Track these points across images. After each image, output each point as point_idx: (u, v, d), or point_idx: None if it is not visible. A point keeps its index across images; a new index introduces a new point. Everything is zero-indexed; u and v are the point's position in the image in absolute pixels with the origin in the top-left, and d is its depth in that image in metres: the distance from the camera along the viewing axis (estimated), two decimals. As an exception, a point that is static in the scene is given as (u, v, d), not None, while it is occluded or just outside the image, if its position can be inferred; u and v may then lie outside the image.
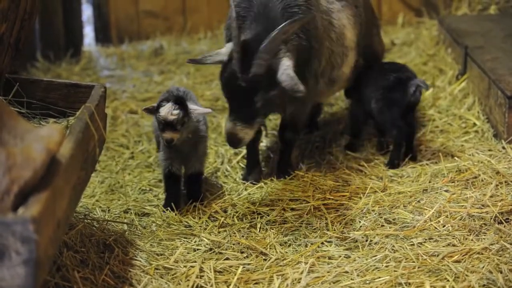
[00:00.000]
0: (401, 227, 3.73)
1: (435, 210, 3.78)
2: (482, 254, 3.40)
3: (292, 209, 3.99)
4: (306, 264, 3.42)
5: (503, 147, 4.47)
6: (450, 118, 5.05)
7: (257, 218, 3.93)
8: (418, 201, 3.95)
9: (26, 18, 3.83)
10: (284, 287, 3.28)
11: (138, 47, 7.26)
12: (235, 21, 3.81)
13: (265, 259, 3.57)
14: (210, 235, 3.79)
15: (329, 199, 4.05)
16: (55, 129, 2.68)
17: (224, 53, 3.90)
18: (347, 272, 3.36)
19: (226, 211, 4.01)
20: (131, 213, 4.12)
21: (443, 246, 3.50)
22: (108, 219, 3.98)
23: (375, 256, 3.47)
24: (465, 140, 4.72)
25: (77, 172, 2.97)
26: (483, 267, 3.28)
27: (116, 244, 3.61)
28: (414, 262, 3.38)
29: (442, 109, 5.21)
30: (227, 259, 3.59)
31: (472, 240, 3.54)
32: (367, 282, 3.27)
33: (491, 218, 3.67)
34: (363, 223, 3.79)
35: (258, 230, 3.83)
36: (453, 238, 3.57)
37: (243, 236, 3.77)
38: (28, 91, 3.81)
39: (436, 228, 3.66)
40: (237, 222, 3.90)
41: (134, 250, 3.63)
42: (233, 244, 3.70)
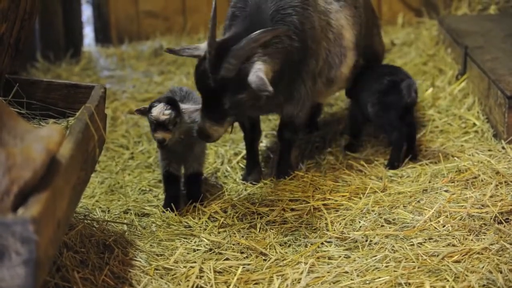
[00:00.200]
0: (401, 227, 3.73)
1: (435, 210, 3.78)
2: (482, 254, 3.40)
3: (292, 209, 3.99)
4: (306, 264, 3.42)
5: (503, 147, 4.47)
6: (450, 118, 5.05)
7: (257, 218, 3.93)
8: (418, 201, 3.95)
9: (26, 18, 3.83)
10: (284, 287, 3.29)
11: (138, 47, 7.26)
12: (212, 20, 3.79)
13: (265, 260, 3.57)
14: (210, 235, 3.79)
15: (329, 199, 4.05)
16: (55, 130, 2.68)
17: (202, 48, 3.89)
18: (347, 272, 3.36)
19: (226, 212, 4.01)
20: (131, 213, 4.12)
21: (443, 246, 3.50)
22: (108, 219, 3.98)
23: (375, 256, 3.47)
24: (465, 140, 4.72)
25: (77, 172, 2.97)
26: (483, 267, 3.28)
27: (116, 244, 3.61)
28: (414, 262, 3.38)
29: (442, 109, 5.21)
30: (227, 259, 3.59)
31: (472, 240, 3.54)
32: (367, 282, 3.27)
33: (491, 218, 3.67)
34: (363, 223, 3.79)
35: (258, 230, 3.83)
36: (453, 238, 3.57)
37: (243, 237, 3.77)
38: (28, 92, 3.81)
39: (436, 228, 3.66)
40: (237, 222, 3.90)
41: (134, 250, 3.63)
42: (233, 245, 3.70)
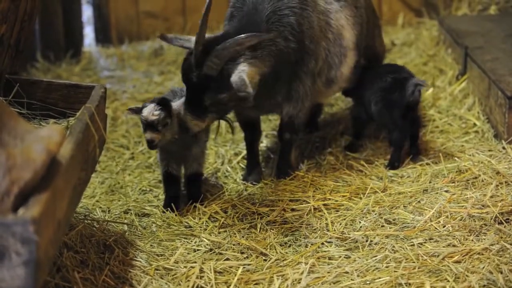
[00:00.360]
0: (401, 227, 3.73)
1: (435, 210, 3.78)
2: (483, 254, 3.40)
3: (292, 209, 3.99)
4: (306, 264, 3.42)
5: (503, 148, 4.46)
6: (450, 119, 5.05)
7: (257, 218, 3.93)
8: (418, 201, 3.95)
9: (26, 19, 3.83)
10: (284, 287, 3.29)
11: (138, 47, 7.25)
12: (204, 16, 3.80)
13: (265, 260, 3.57)
14: (210, 235, 3.79)
15: (329, 199, 4.05)
16: (55, 130, 2.68)
17: (193, 41, 3.90)
18: (347, 273, 3.36)
19: (226, 212, 4.01)
20: (131, 213, 4.12)
21: (443, 247, 3.50)
22: (108, 219, 3.98)
23: (375, 256, 3.46)
24: (465, 140, 4.72)
25: (77, 172, 2.97)
26: (483, 267, 3.28)
27: (116, 244, 3.61)
28: (414, 262, 3.38)
29: (442, 109, 5.21)
30: (227, 259, 3.59)
31: (472, 240, 3.54)
32: (367, 282, 3.27)
33: (491, 219, 3.67)
34: (363, 223, 3.79)
35: (258, 230, 3.83)
36: (453, 239, 3.56)
37: (243, 237, 3.77)
38: (28, 92, 3.81)
39: (436, 228, 3.66)
40: (237, 222, 3.90)
41: (134, 250, 3.63)
42: (233, 245, 3.70)
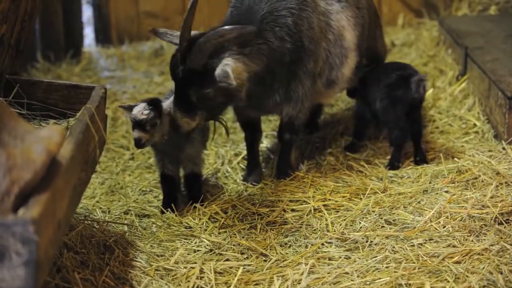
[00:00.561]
0: (401, 228, 3.73)
1: (435, 211, 3.78)
2: (483, 255, 3.40)
3: (292, 210, 3.99)
4: (307, 265, 3.41)
5: (504, 148, 4.47)
6: (450, 119, 5.05)
7: (257, 219, 3.93)
8: (419, 202, 3.95)
9: (26, 19, 3.83)
10: (285, 288, 3.29)
11: (138, 48, 7.26)
12: (189, 11, 3.79)
13: (265, 260, 3.57)
14: (211, 236, 3.79)
15: (329, 200, 4.05)
16: (56, 130, 2.68)
17: None
18: (347, 273, 3.36)
19: (226, 212, 4.01)
20: (131, 214, 4.13)
21: (444, 247, 3.50)
22: (109, 220, 3.98)
23: (376, 257, 3.46)
24: (466, 141, 4.72)
25: (77, 173, 2.97)
26: (483, 268, 3.28)
27: (116, 245, 3.61)
28: (414, 263, 3.38)
29: (443, 109, 5.21)
30: (227, 260, 3.59)
31: (472, 241, 3.54)
32: (368, 283, 3.27)
33: (491, 219, 3.67)
34: (363, 224, 3.79)
35: (258, 231, 3.83)
36: (453, 239, 3.56)
37: (243, 237, 3.77)
38: (29, 92, 3.81)
39: (436, 229, 3.66)
40: (237, 223, 3.90)
41: (135, 251, 3.63)
42: (234, 245, 3.70)
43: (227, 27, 3.80)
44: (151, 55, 7.04)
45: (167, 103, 3.99)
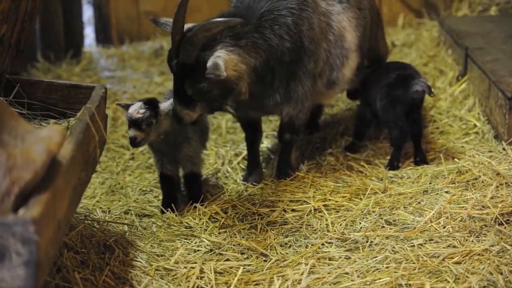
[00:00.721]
0: (401, 228, 3.73)
1: (435, 211, 3.78)
2: (483, 255, 3.40)
3: (293, 210, 3.99)
4: (307, 265, 3.41)
5: (504, 149, 4.47)
6: (450, 120, 5.05)
7: (258, 219, 3.93)
8: (419, 202, 3.95)
9: (26, 19, 3.83)
10: (285, 288, 3.29)
11: (139, 48, 7.26)
12: (180, 4, 3.79)
13: (265, 260, 3.57)
14: (211, 236, 3.79)
15: (330, 200, 4.05)
16: (56, 130, 2.68)
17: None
18: (347, 273, 3.36)
19: (226, 212, 4.01)
20: (131, 214, 4.13)
21: (444, 248, 3.50)
22: (109, 220, 3.98)
23: (376, 257, 3.46)
24: (466, 141, 4.72)
25: (77, 173, 2.97)
26: (483, 268, 3.28)
27: (116, 245, 3.61)
28: (414, 263, 3.38)
29: (443, 110, 5.21)
30: (227, 260, 3.59)
31: (472, 241, 3.54)
32: (368, 283, 3.27)
33: (491, 220, 3.67)
34: (364, 224, 3.79)
35: (259, 231, 3.83)
36: (453, 240, 3.56)
37: (243, 237, 3.77)
38: (29, 92, 3.82)
39: (436, 229, 3.66)
40: (237, 223, 3.90)
41: (135, 251, 3.63)
42: (234, 245, 3.70)
43: (214, 20, 3.80)
44: (151, 55, 7.04)
45: (166, 105, 3.99)
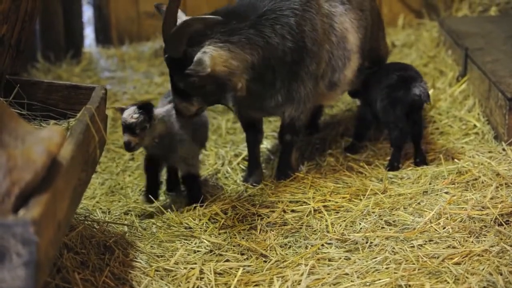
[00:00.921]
0: (401, 229, 3.73)
1: (435, 212, 3.78)
2: (482, 256, 3.40)
3: (292, 211, 3.99)
4: (306, 266, 3.41)
5: (504, 149, 4.47)
6: (450, 120, 5.06)
7: (257, 219, 3.93)
8: (418, 203, 3.95)
9: (27, 20, 3.83)
10: (284, 289, 3.29)
11: (139, 48, 7.26)
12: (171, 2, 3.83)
13: (265, 261, 3.57)
14: (211, 236, 3.79)
15: (329, 201, 4.05)
16: (56, 131, 2.68)
17: (183, 18, 3.94)
18: (347, 274, 3.36)
19: (226, 213, 4.01)
20: (131, 214, 4.13)
21: (443, 248, 3.50)
22: (109, 220, 3.98)
23: (375, 258, 3.46)
24: (466, 142, 4.72)
25: (77, 173, 2.98)
26: (483, 269, 3.28)
27: (116, 245, 3.61)
28: (414, 264, 3.38)
29: (443, 110, 5.21)
30: (227, 261, 3.59)
31: (472, 242, 3.54)
32: (367, 284, 3.27)
33: (491, 220, 3.67)
34: (363, 225, 3.79)
35: (258, 232, 3.83)
36: (453, 240, 3.56)
37: (243, 238, 3.77)
38: (29, 93, 3.82)
39: (436, 230, 3.66)
40: (237, 223, 3.91)
41: (135, 251, 3.63)
42: (233, 246, 3.70)
43: (196, 16, 3.81)
44: (151, 55, 7.04)
45: (162, 110, 3.99)
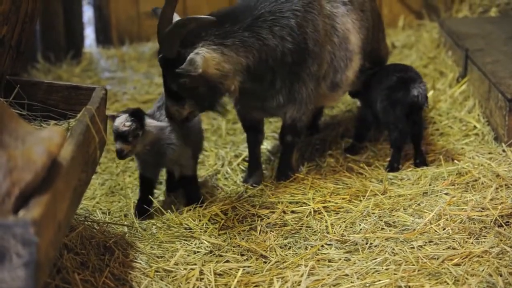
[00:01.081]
0: (401, 230, 3.73)
1: (435, 213, 3.78)
2: (482, 257, 3.40)
3: (292, 211, 3.99)
4: (306, 267, 3.41)
5: (503, 150, 4.47)
6: (450, 121, 5.06)
7: (257, 220, 3.93)
8: (418, 204, 3.95)
9: (27, 20, 3.83)
10: (284, 290, 3.29)
11: (139, 48, 7.27)
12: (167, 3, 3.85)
13: (265, 262, 3.57)
14: (210, 237, 3.79)
15: (329, 201, 4.05)
16: (56, 132, 2.68)
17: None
18: (347, 275, 3.36)
19: (226, 214, 4.01)
20: (131, 215, 4.13)
21: (443, 249, 3.50)
22: (109, 221, 3.98)
23: (375, 259, 3.47)
24: (466, 143, 4.72)
25: (77, 174, 2.98)
26: (483, 270, 3.28)
27: (116, 246, 3.61)
28: (414, 265, 3.38)
29: (443, 111, 5.21)
30: (227, 261, 3.59)
31: (472, 243, 3.54)
32: (367, 285, 3.27)
33: (491, 221, 3.67)
34: (363, 226, 3.79)
35: (258, 232, 3.83)
36: (453, 241, 3.56)
37: (243, 239, 3.77)
38: (29, 93, 3.82)
39: (436, 231, 3.66)
40: (237, 224, 3.91)
41: (135, 252, 3.63)
42: (233, 247, 3.70)
43: (189, 16, 3.81)
44: (151, 56, 7.04)
45: (152, 121, 3.97)
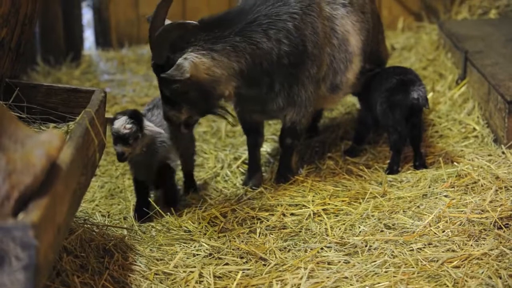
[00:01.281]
0: (400, 232, 3.73)
1: (434, 215, 3.78)
2: (482, 259, 3.40)
3: (292, 214, 3.99)
4: (306, 269, 3.41)
5: (503, 152, 4.47)
6: (450, 123, 5.06)
7: (257, 223, 3.93)
8: (418, 206, 3.95)
9: (26, 23, 3.84)
10: (284, 293, 3.29)
11: (138, 51, 7.27)
12: (159, 6, 3.86)
13: (264, 265, 3.57)
14: (210, 240, 3.79)
15: (329, 204, 4.05)
16: (55, 134, 2.68)
17: None
18: (346, 278, 3.36)
19: (225, 216, 4.01)
20: (130, 218, 4.12)
21: (443, 252, 3.50)
22: (108, 224, 3.98)
23: (375, 261, 3.46)
24: (465, 145, 4.72)
25: (77, 177, 2.98)
26: (482, 272, 3.28)
27: (115, 249, 3.61)
28: (413, 267, 3.38)
29: (442, 114, 5.21)
30: (226, 264, 3.59)
31: (471, 245, 3.54)
32: (367, 287, 3.27)
33: (490, 224, 3.67)
34: (363, 228, 3.79)
35: (258, 235, 3.83)
36: (452, 244, 3.57)
37: (242, 241, 3.77)
38: (29, 96, 3.82)
39: (435, 233, 3.66)
40: (236, 227, 3.91)
41: (134, 255, 3.63)
42: (233, 249, 3.70)
43: (174, 22, 3.82)
44: (150, 58, 7.03)
45: (148, 124, 3.98)
